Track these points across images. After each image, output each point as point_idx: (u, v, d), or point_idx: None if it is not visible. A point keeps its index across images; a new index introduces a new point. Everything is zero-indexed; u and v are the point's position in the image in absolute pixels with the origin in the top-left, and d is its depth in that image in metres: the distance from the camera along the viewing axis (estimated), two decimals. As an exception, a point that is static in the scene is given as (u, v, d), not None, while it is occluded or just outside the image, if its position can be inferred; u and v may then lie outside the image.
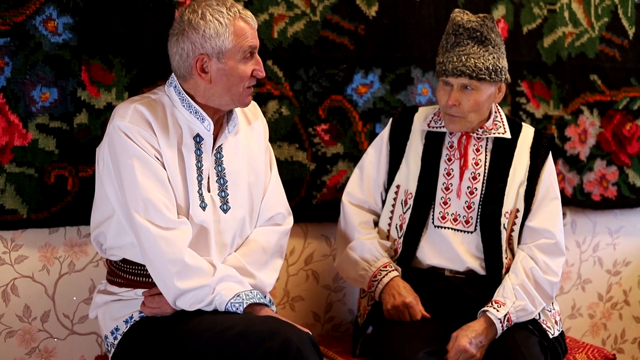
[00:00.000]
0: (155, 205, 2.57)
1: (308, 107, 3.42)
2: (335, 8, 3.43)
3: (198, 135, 2.70)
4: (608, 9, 3.97)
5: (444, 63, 2.98)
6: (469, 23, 2.96)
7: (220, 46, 2.61)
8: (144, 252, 2.59)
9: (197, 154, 2.69)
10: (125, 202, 2.59)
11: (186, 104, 2.69)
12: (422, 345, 2.84)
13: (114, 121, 2.61)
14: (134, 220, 2.58)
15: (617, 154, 4.03)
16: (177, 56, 2.66)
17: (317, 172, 3.45)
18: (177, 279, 2.55)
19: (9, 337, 3.03)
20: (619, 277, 4.22)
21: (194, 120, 2.69)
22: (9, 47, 2.89)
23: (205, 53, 2.62)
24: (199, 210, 2.67)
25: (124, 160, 2.58)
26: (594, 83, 3.96)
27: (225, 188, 2.75)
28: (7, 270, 3.01)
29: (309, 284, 3.57)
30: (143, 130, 2.60)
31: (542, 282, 2.98)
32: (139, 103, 2.65)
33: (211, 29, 2.60)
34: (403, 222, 3.10)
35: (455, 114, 2.99)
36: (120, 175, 2.59)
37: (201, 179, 2.69)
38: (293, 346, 2.42)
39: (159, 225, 2.56)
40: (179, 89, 2.70)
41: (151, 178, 2.58)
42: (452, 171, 3.08)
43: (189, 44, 2.62)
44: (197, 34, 2.60)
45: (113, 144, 2.61)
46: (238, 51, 2.63)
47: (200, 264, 2.59)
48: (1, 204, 2.92)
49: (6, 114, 2.90)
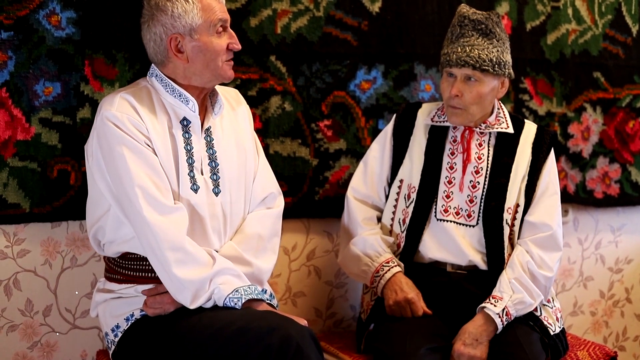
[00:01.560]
0: (149, 192, 2.56)
1: (311, 102, 3.42)
2: (338, 4, 3.43)
3: (185, 119, 2.70)
4: (612, 7, 3.97)
5: (448, 54, 2.99)
6: (475, 15, 2.98)
7: (191, 23, 2.62)
8: (142, 240, 2.59)
9: (186, 137, 2.69)
10: (119, 192, 2.59)
11: (169, 88, 2.69)
12: (423, 341, 2.84)
13: (101, 112, 2.62)
14: (130, 209, 2.57)
15: (620, 152, 4.02)
16: (152, 42, 2.67)
17: (319, 168, 3.45)
18: (175, 267, 2.54)
19: (10, 331, 3.04)
20: (620, 274, 4.22)
21: (178, 104, 2.69)
22: (12, 41, 2.89)
23: (177, 32, 2.63)
24: (191, 192, 2.67)
25: (114, 150, 2.57)
26: (597, 80, 3.96)
27: (217, 171, 2.74)
28: (10, 264, 3.01)
29: (311, 280, 3.57)
30: (131, 117, 2.60)
31: (538, 276, 2.99)
32: (125, 92, 2.67)
33: (178, 8, 2.61)
34: (406, 216, 3.10)
35: (457, 105, 3.00)
36: (112, 164, 2.58)
37: (192, 162, 2.69)
38: (293, 342, 2.42)
39: (155, 212, 2.55)
40: (160, 75, 2.70)
41: (143, 165, 2.58)
42: (455, 165, 3.09)
43: (160, 27, 2.63)
44: (165, 15, 2.62)
45: (102, 134, 2.60)
46: (209, 26, 2.64)
47: (199, 253, 2.59)
48: (4, 198, 2.92)
49: (9, 108, 2.90)
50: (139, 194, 2.55)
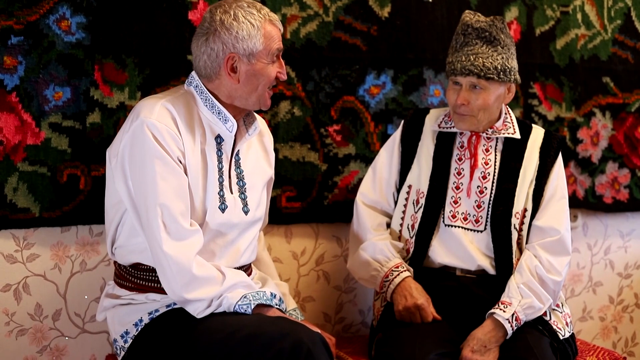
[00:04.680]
0: (171, 213, 2.54)
1: (320, 107, 3.42)
2: (348, 9, 3.43)
3: (219, 136, 2.69)
4: (621, 11, 3.96)
5: (453, 62, 3.00)
6: (478, 23, 2.97)
7: (252, 48, 2.61)
8: (154, 257, 2.58)
9: (219, 155, 2.69)
10: (140, 203, 2.57)
11: (209, 103, 2.68)
12: (432, 346, 2.84)
13: (140, 118, 2.57)
14: (146, 224, 2.56)
15: (629, 157, 4.02)
16: (205, 56, 2.64)
17: (328, 172, 3.46)
18: (185, 291, 2.54)
19: (20, 336, 3.04)
20: (630, 280, 4.21)
21: (215, 120, 2.68)
22: (22, 46, 2.90)
23: (236, 52, 2.62)
24: (218, 212, 2.66)
25: (146, 160, 2.55)
26: (607, 85, 3.95)
27: (244, 190, 2.75)
28: (19, 269, 3.02)
29: (320, 285, 3.57)
30: (169, 129, 2.57)
31: (547, 280, 2.98)
32: (165, 100, 2.63)
33: (244, 30, 2.60)
34: (415, 222, 3.10)
35: (464, 112, 3.00)
36: (141, 174, 2.56)
37: (222, 180, 2.68)
38: (304, 347, 2.41)
39: (170, 235, 2.54)
40: (202, 88, 2.68)
41: (171, 183, 2.56)
42: (463, 170, 3.09)
43: (220, 44, 2.61)
44: (229, 34, 2.60)
45: (138, 141, 2.56)
46: (267, 53, 2.64)
47: (209, 273, 2.58)
48: (14, 203, 2.93)
49: (19, 112, 2.91)
50: (159, 212, 2.53)
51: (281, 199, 3.38)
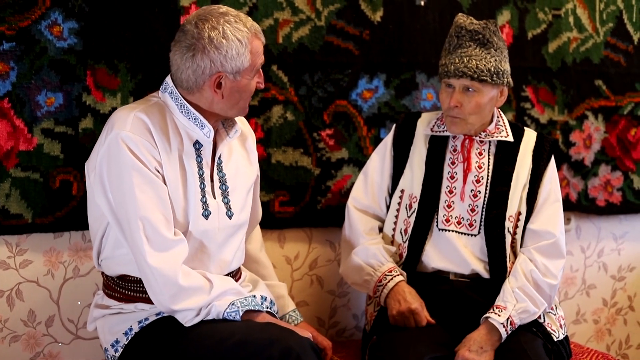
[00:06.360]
0: (152, 225, 2.52)
1: (313, 112, 3.42)
2: (340, 13, 3.43)
3: (197, 142, 2.66)
4: (613, 15, 3.97)
5: (446, 65, 3.00)
6: (471, 25, 2.98)
7: (240, 66, 2.57)
8: (140, 269, 2.56)
9: (198, 161, 2.66)
10: (121, 216, 2.55)
11: (184, 110, 2.63)
12: (426, 350, 2.84)
13: (113, 131, 2.53)
14: (129, 237, 2.54)
15: (622, 160, 4.02)
16: (190, 71, 2.57)
17: (321, 177, 3.45)
18: (172, 303, 2.53)
19: (13, 342, 3.04)
20: (623, 282, 4.22)
21: (192, 126, 2.64)
22: (14, 52, 2.89)
23: (224, 71, 2.57)
24: (202, 219, 2.64)
25: (124, 174, 2.51)
26: (599, 88, 3.96)
27: (227, 194, 2.73)
28: (12, 275, 3.01)
29: (314, 289, 3.57)
30: (144, 140, 2.54)
31: (542, 284, 2.98)
32: (139, 110, 2.59)
33: (233, 49, 2.54)
34: (408, 226, 3.10)
35: (456, 115, 3.00)
36: (119, 188, 2.53)
37: (204, 187, 2.66)
38: (293, 354, 2.41)
39: (154, 247, 2.52)
40: (177, 95, 2.63)
41: (150, 194, 2.53)
42: (456, 174, 3.09)
43: (208, 62, 2.55)
44: (219, 53, 2.54)
45: (113, 155, 2.53)
46: (252, 69, 2.61)
47: (196, 283, 2.56)
48: (6, 209, 2.93)
49: (11, 118, 2.91)
50: (140, 226, 2.51)
51: (274, 203, 3.38)
